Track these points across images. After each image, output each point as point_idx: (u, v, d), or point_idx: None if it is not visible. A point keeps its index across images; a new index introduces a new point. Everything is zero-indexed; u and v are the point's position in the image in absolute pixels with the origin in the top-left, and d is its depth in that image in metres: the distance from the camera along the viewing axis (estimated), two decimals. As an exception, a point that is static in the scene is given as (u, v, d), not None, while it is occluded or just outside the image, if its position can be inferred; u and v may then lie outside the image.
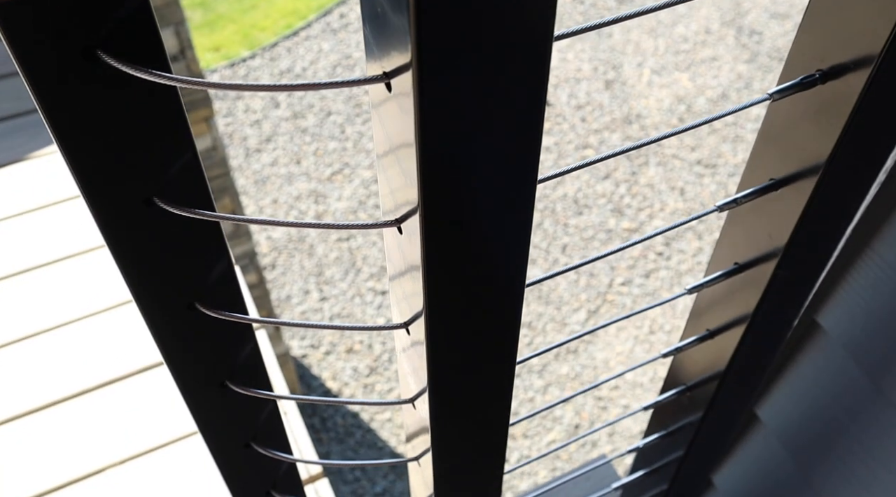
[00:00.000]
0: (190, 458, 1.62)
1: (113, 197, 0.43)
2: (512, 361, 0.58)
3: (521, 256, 0.47)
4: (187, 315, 0.55)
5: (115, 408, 1.69)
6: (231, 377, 0.64)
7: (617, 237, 3.78)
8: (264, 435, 0.73)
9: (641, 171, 3.87)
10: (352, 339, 3.61)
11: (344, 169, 4.04)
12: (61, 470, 1.62)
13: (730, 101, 4.02)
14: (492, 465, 0.70)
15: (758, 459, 1.06)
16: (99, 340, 1.78)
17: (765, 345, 0.79)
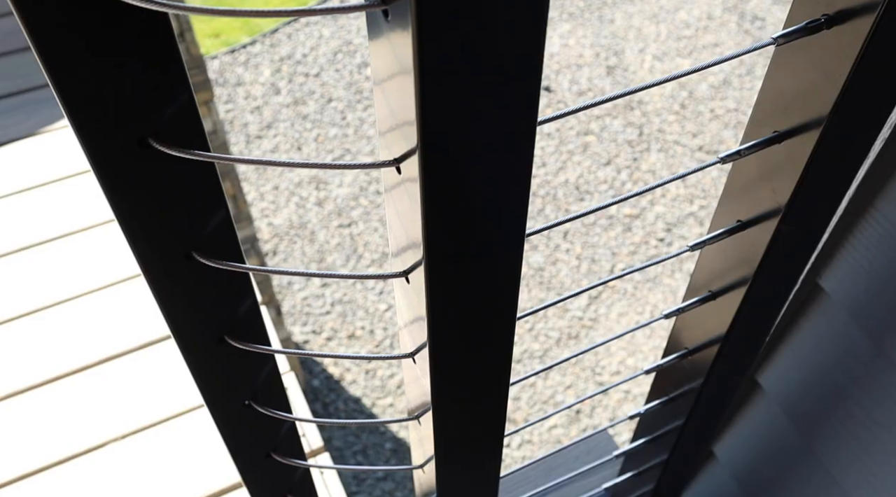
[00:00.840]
0: (192, 433, 1.62)
1: (107, 137, 0.43)
2: (512, 313, 0.57)
3: (521, 202, 0.47)
4: (185, 264, 0.53)
5: (116, 383, 1.69)
6: (230, 331, 0.63)
7: (618, 223, 3.77)
8: (264, 394, 0.72)
9: (643, 157, 3.86)
10: (353, 324, 3.61)
11: (345, 155, 4.03)
12: (62, 445, 1.62)
13: (732, 87, 4.00)
14: (492, 422, 0.70)
15: (759, 428, 1.05)
16: (98, 317, 1.78)
17: (767, 306, 0.79)
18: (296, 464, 0.83)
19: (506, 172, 0.45)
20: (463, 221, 0.46)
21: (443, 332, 0.55)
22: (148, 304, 1.80)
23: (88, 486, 1.55)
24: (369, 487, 3.17)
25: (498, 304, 0.55)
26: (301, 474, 0.91)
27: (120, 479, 1.56)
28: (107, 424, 1.62)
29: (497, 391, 0.67)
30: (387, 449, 3.26)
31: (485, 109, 0.40)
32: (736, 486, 1.14)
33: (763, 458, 1.07)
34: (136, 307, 1.77)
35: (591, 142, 3.96)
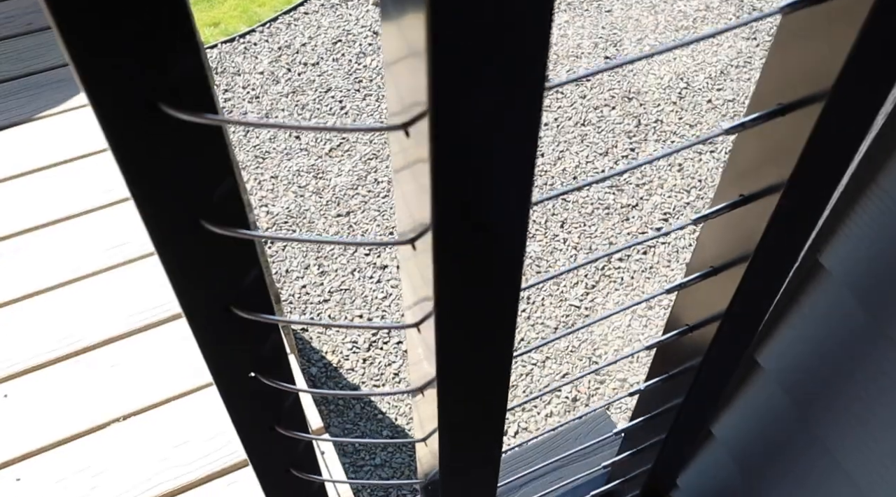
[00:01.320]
0: (198, 412, 1.62)
1: (117, 100, 0.43)
2: (517, 281, 0.58)
3: (529, 166, 0.47)
4: (192, 230, 0.53)
5: (118, 365, 1.70)
6: (235, 301, 0.63)
7: (616, 214, 3.78)
8: (268, 366, 0.73)
9: (640, 147, 3.87)
10: (351, 313, 3.61)
11: (343, 144, 4.03)
12: (64, 425, 1.63)
13: (730, 78, 4.00)
14: (496, 392, 0.70)
15: (758, 408, 1.06)
16: (96, 300, 1.79)
17: (767, 282, 0.79)
18: (299, 436, 0.83)
19: (514, 135, 0.45)
20: (471, 186, 0.47)
21: (449, 300, 0.55)
22: (149, 285, 1.81)
23: (92, 464, 1.56)
24: (366, 475, 3.17)
25: (504, 271, 0.55)
26: (303, 449, 0.91)
27: (123, 458, 1.57)
28: (109, 405, 1.63)
29: (501, 360, 0.67)
30: (384, 436, 3.26)
31: (494, 71, 0.40)
32: (734, 466, 1.15)
33: (762, 437, 1.08)
34: (136, 289, 1.78)
35: (589, 132, 3.96)
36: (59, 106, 2.19)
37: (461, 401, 0.70)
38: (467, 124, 0.42)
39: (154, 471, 1.60)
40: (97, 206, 1.97)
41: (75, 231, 1.92)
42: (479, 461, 0.86)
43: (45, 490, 1.57)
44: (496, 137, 0.44)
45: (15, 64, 2.29)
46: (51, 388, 1.68)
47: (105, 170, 2.04)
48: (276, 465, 0.89)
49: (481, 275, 0.55)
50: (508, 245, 0.54)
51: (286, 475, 0.92)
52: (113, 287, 1.82)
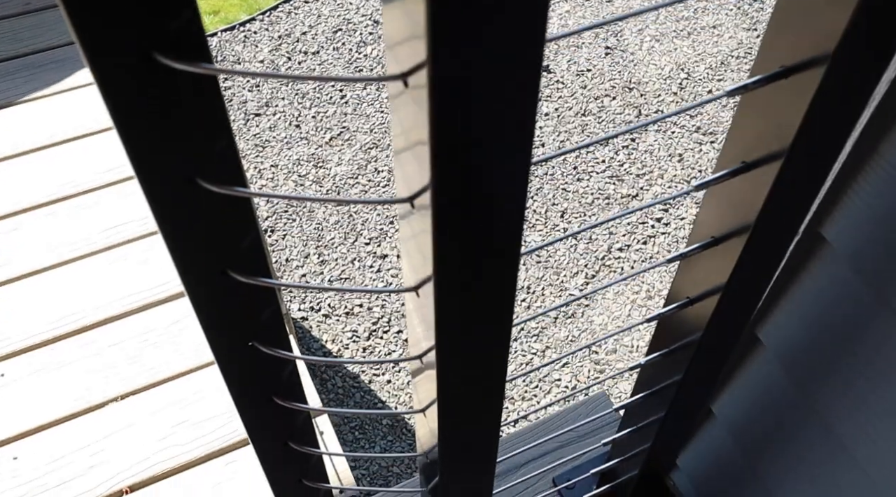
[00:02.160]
0: (197, 391, 1.62)
1: (110, 51, 0.43)
2: (517, 245, 0.57)
3: (529, 121, 0.46)
4: (187, 190, 0.53)
5: (118, 342, 1.70)
6: (232, 264, 0.63)
7: (616, 204, 3.77)
8: (266, 334, 0.72)
9: (641, 137, 3.87)
10: (351, 302, 3.61)
11: (343, 133, 4.03)
12: (67, 403, 1.63)
13: (730, 69, 4.00)
14: (495, 361, 0.70)
15: (758, 385, 1.06)
16: (99, 277, 1.79)
17: (769, 253, 0.79)
18: (297, 407, 0.83)
19: (514, 90, 0.44)
20: (471, 140, 0.46)
21: (448, 263, 0.55)
22: (148, 266, 1.80)
23: (90, 444, 1.56)
24: (365, 462, 3.17)
25: (503, 235, 0.55)
26: (302, 422, 0.91)
27: (121, 437, 1.57)
28: (107, 384, 1.63)
29: (500, 329, 0.66)
30: (384, 424, 3.26)
31: (494, 21, 0.40)
32: (734, 445, 1.15)
33: (762, 415, 1.07)
34: (135, 269, 1.78)
35: (590, 122, 3.95)
36: (57, 85, 2.19)
37: (460, 368, 0.70)
38: (466, 73, 0.42)
39: (152, 450, 1.60)
40: (96, 186, 1.97)
41: (74, 210, 1.92)
42: (478, 433, 0.85)
43: (42, 469, 1.57)
44: (496, 88, 0.44)
45: (13, 44, 2.29)
46: (48, 368, 1.68)
47: (104, 150, 2.04)
48: (274, 437, 0.89)
49: (481, 237, 0.54)
50: (508, 205, 0.53)
51: (284, 448, 0.92)
52: (112, 267, 1.82)
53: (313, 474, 1.02)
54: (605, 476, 1.30)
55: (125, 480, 1.56)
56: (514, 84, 0.44)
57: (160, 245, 1.87)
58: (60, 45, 2.27)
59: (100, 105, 2.12)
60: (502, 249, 0.57)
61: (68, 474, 1.56)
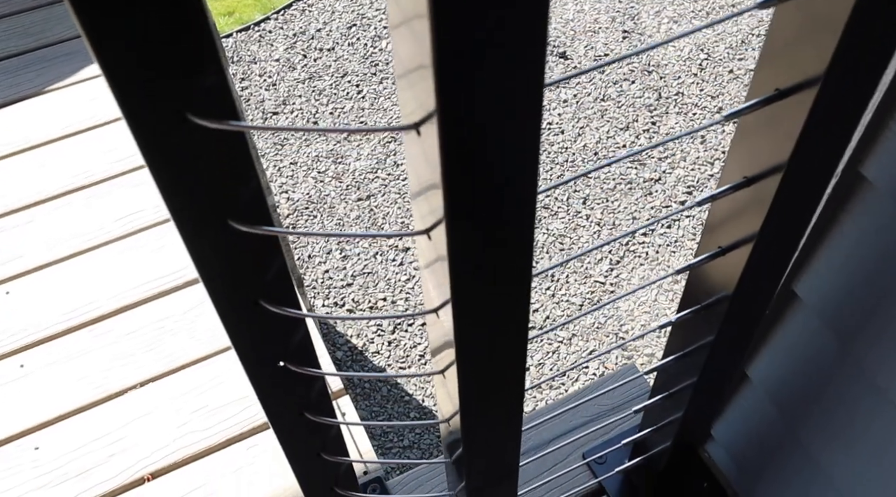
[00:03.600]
0: (217, 376, 1.60)
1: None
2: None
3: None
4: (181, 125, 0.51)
5: (140, 331, 1.68)
6: (235, 215, 0.60)
7: (638, 188, 3.73)
8: (273, 291, 0.69)
9: (662, 120, 3.81)
10: (374, 296, 3.59)
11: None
12: (86, 392, 1.62)
13: (751, 47, 3.93)
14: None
15: (797, 344, 1.01)
16: (110, 268, 1.77)
17: (804, 194, 0.75)
18: (313, 373, 0.80)
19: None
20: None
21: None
22: (164, 253, 1.79)
23: (110, 432, 1.54)
24: (394, 456, 3.15)
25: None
26: (318, 393, 0.88)
27: (141, 425, 1.55)
28: (126, 372, 1.61)
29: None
30: (411, 418, 3.24)
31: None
32: (774, 410, 1.10)
33: (803, 376, 1.02)
34: (150, 257, 1.76)
35: (609, 107, 3.91)
36: (68, 78, 2.19)
37: (478, 320, 0.67)
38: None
39: (172, 437, 1.58)
40: (109, 176, 1.96)
41: (88, 200, 1.92)
42: (501, 393, 0.83)
43: (63, 459, 1.56)
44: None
45: (24, 38, 2.29)
46: (67, 358, 1.67)
47: (117, 139, 2.04)
48: (288, 406, 0.85)
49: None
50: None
51: (299, 419, 0.88)
52: (127, 255, 1.81)
53: (332, 447, 0.99)
54: (637, 448, 1.25)
55: (146, 468, 1.54)
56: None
57: (174, 232, 1.85)
58: (70, 37, 2.27)
59: (111, 95, 2.11)
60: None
61: (89, 463, 1.54)
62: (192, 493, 1.51)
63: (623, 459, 1.29)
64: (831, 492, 1.05)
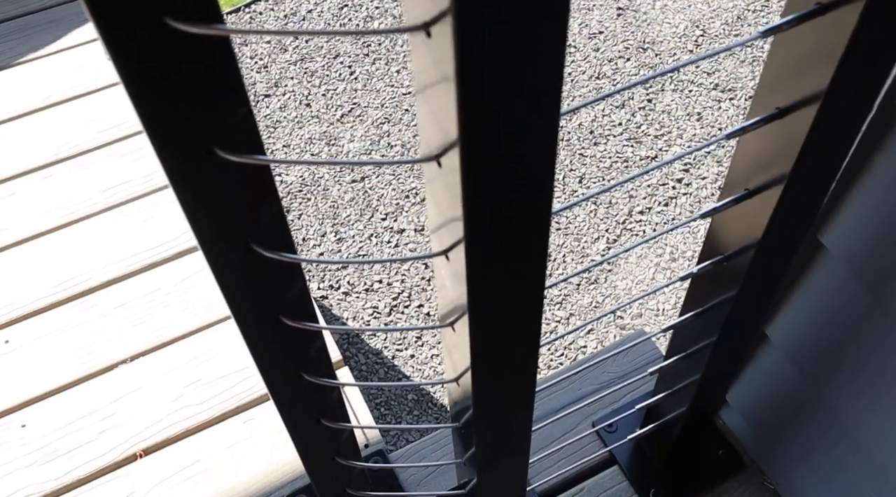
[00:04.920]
0: (210, 349, 1.56)
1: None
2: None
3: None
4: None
5: (129, 304, 1.63)
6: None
7: (635, 167, 3.70)
8: (265, 234, 0.65)
9: (657, 98, 3.78)
10: (370, 279, 3.56)
11: (354, 109, 4.00)
12: (74, 367, 1.57)
13: (747, 23, 3.89)
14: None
15: (824, 297, 0.96)
16: (103, 237, 1.72)
17: (841, 125, 0.70)
18: (309, 327, 0.75)
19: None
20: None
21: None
22: (152, 224, 1.74)
23: (99, 408, 1.49)
24: (392, 438, 3.11)
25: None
26: (316, 353, 0.82)
27: (133, 400, 1.50)
28: (115, 346, 1.56)
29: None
30: (409, 399, 3.21)
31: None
32: (794, 371, 1.05)
33: (828, 333, 0.97)
34: (138, 228, 1.71)
35: (604, 85, 3.87)
36: (52, 46, 2.14)
37: (494, 331, 0.66)
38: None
39: (166, 411, 1.53)
40: (95, 146, 1.91)
41: (74, 171, 1.87)
42: (514, 392, 0.79)
43: (51, 436, 1.51)
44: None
45: (4, 6, 2.24)
46: (53, 332, 1.62)
47: (102, 108, 1.99)
48: (284, 365, 0.80)
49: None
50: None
51: (297, 381, 0.83)
52: (114, 227, 1.76)
53: (332, 414, 0.93)
54: (650, 416, 1.21)
55: (138, 444, 1.50)
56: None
57: (164, 202, 1.80)
58: (54, 4, 2.21)
59: (96, 63, 2.06)
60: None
61: (79, 440, 1.49)
62: (186, 469, 1.47)
63: (634, 427, 1.25)
64: (858, 452, 1.01)
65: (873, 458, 1.00)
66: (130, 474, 1.44)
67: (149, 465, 1.46)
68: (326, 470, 1.07)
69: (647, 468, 1.28)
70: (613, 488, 1.28)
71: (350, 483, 1.12)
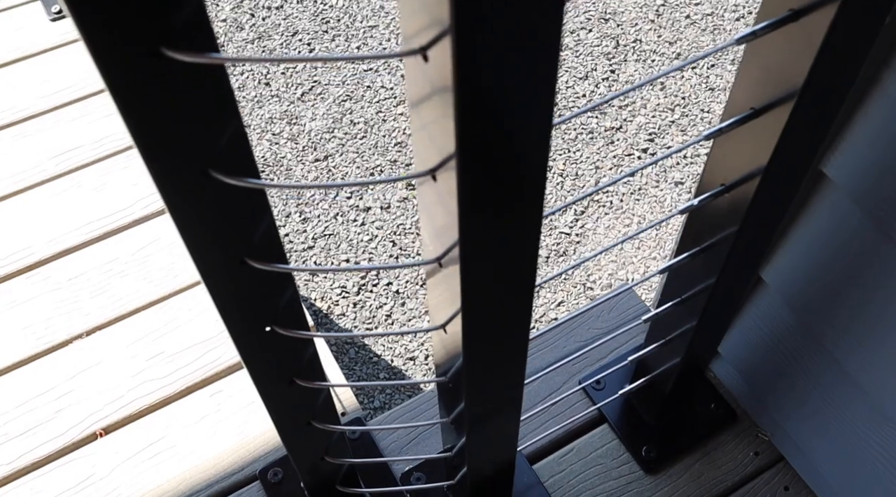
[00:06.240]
0: (172, 320, 1.48)
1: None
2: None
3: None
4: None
5: (83, 276, 1.54)
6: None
7: (600, 138, 3.70)
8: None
9: (621, 68, 3.76)
10: (337, 258, 3.51)
11: (315, 87, 3.94)
12: (26, 344, 1.48)
13: (706, -8, 3.87)
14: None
15: (821, 233, 0.91)
16: (55, 207, 1.63)
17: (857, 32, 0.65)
18: (280, 269, 0.68)
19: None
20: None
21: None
22: (105, 192, 1.65)
23: (55, 386, 1.41)
24: (372, 414, 3.06)
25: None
26: (287, 303, 0.76)
27: (90, 376, 1.42)
28: (70, 321, 1.48)
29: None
30: (380, 378, 3.16)
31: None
32: (793, 317, 1.00)
33: (831, 270, 0.92)
34: (90, 196, 1.62)
35: (567, 57, 3.84)
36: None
37: (487, 272, 0.65)
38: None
39: (127, 387, 1.45)
40: (41, 111, 1.81)
41: (17, 139, 1.77)
42: (508, 338, 0.74)
43: (3, 417, 1.42)
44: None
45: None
46: (2, 308, 1.53)
47: (47, 72, 1.88)
48: (251, 315, 0.73)
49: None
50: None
51: (270, 335, 0.75)
52: (65, 196, 1.67)
53: (307, 373, 0.86)
54: (641, 370, 1.15)
55: (98, 423, 1.42)
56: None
57: (117, 169, 1.71)
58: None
59: (38, 24, 1.94)
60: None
61: (33, 421, 1.41)
62: (150, 446, 1.39)
63: (622, 384, 1.20)
64: (858, 395, 0.96)
65: (874, 399, 0.95)
66: (90, 455, 1.36)
67: (110, 444, 1.38)
68: (302, 436, 1.00)
69: (638, 425, 1.24)
70: (604, 447, 1.24)
71: (328, 451, 1.05)
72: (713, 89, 3.68)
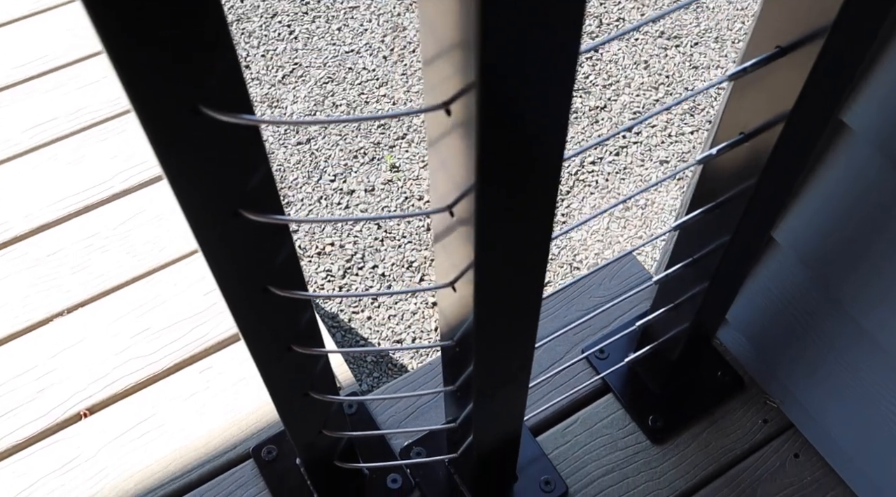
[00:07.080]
0: (157, 295, 1.43)
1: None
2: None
3: None
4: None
5: (62, 251, 1.49)
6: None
7: (584, 117, 3.68)
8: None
9: (604, 47, 3.74)
10: (321, 241, 3.48)
11: (296, 69, 3.90)
12: (4, 323, 1.43)
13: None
14: (541, 218, 0.64)
15: (840, 180, 0.87)
16: (30, 181, 1.57)
17: None
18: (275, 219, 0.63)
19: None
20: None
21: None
22: (84, 165, 1.59)
23: (36, 365, 1.35)
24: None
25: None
26: (284, 261, 0.71)
27: (72, 355, 1.37)
28: (50, 297, 1.42)
29: (552, 167, 0.62)
30: (368, 361, 3.14)
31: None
32: (807, 275, 0.97)
33: (846, 227, 0.89)
34: (67, 169, 1.56)
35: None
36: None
37: (504, 222, 0.62)
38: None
39: (111, 365, 1.40)
40: (14, 82, 1.74)
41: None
42: (521, 294, 0.70)
43: (-18, 399, 1.36)
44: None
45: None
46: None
47: (16, 42, 1.80)
48: (250, 279, 0.69)
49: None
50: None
51: (264, 295, 0.71)
52: (40, 170, 1.60)
53: (304, 340, 0.82)
54: (646, 338, 1.12)
55: (81, 403, 1.36)
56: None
57: (94, 141, 1.65)
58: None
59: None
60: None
61: (13, 401, 1.35)
62: (137, 426, 1.34)
63: (626, 353, 1.16)
64: (879, 357, 0.93)
65: (892, 359, 0.92)
66: (75, 436, 1.31)
67: (95, 424, 1.33)
68: (300, 408, 0.95)
69: (643, 394, 1.21)
70: (609, 417, 1.21)
71: (326, 424, 1.01)
72: (697, 68, 3.66)
